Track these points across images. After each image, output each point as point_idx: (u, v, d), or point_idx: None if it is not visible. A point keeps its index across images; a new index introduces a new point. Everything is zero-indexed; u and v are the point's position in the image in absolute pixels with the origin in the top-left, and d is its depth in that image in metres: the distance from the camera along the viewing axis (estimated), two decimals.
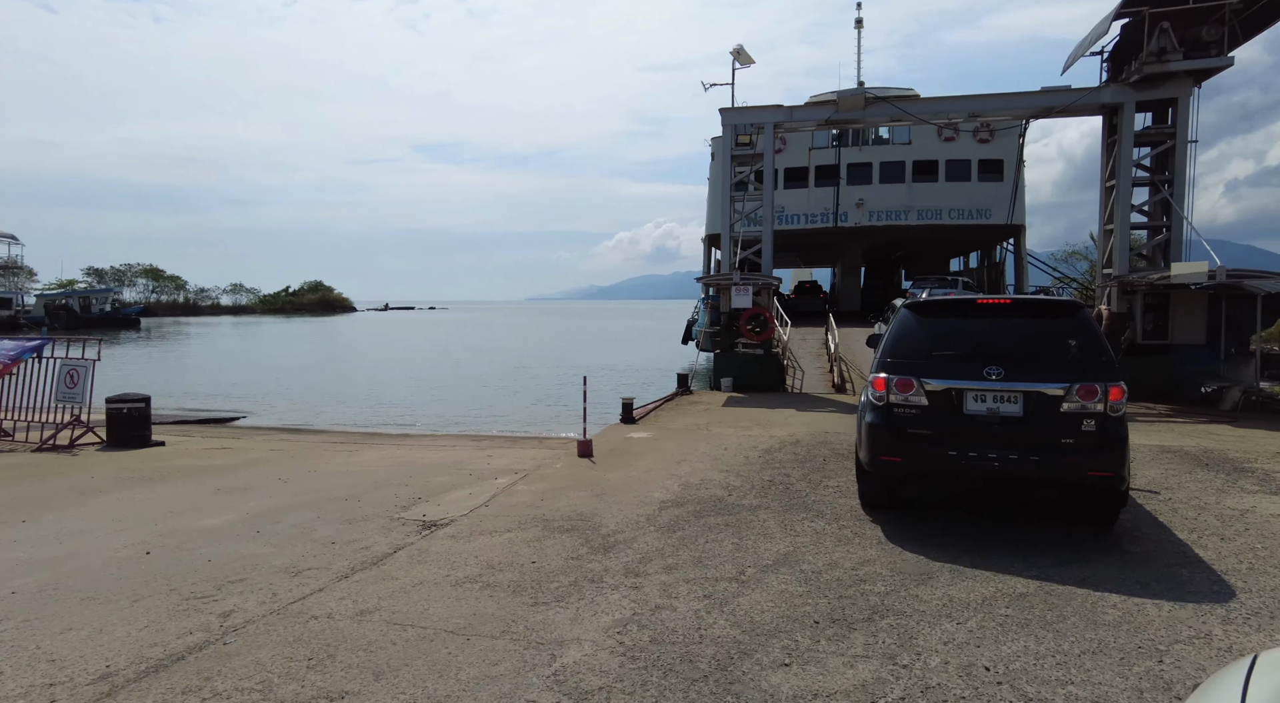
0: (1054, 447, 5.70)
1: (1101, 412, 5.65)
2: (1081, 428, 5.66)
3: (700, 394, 16.54)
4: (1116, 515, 6.03)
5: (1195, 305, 14.78)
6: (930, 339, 6.29)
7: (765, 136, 16.82)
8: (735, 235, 17.38)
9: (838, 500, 7.16)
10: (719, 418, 12.75)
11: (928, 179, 31.95)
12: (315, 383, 27.93)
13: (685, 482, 7.96)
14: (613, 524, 6.36)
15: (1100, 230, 16.46)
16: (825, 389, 17.09)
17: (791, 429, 11.37)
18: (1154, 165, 15.69)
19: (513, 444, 13.06)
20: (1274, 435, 10.84)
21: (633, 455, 9.52)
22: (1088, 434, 5.64)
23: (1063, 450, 5.68)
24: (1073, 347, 5.97)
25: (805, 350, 22.43)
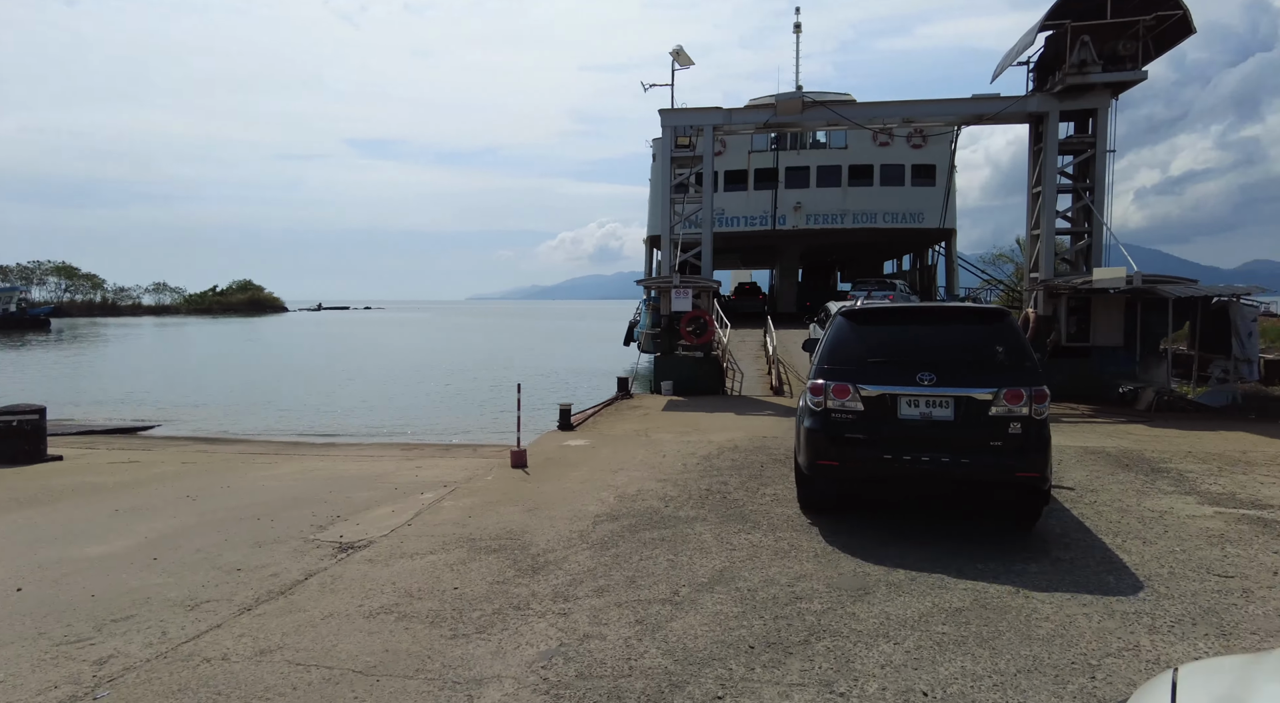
0: (983, 449, 5.89)
1: (1027, 415, 5.86)
2: (1008, 431, 5.86)
3: (641, 398, 16.35)
4: (1040, 513, 6.26)
5: (1114, 309, 15.35)
6: (865, 346, 6.43)
7: (705, 139, 16.75)
8: (675, 238, 17.26)
9: (775, 510, 7.04)
10: (658, 423, 12.58)
11: (863, 183, 32.60)
12: (239, 388, 26.65)
13: (622, 493, 7.72)
14: (543, 543, 6.08)
15: (1028, 235, 16.97)
16: (764, 391, 17.13)
17: (730, 434, 11.27)
18: (1076, 173, 16.25)
19: (445, 454, 12.61)
20: (1184, 435, 11.28)
21: (569, 465, 9.24)
22: (1014, 437, 5.85)
23: (991, 452, 5.88)
24: (999, 353, 6.17)
25: (745, 352, 22.50)
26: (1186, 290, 13.72)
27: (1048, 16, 15.03)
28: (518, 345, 52.21)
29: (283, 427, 18.32)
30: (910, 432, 6.00)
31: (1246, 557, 5.68)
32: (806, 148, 33.29)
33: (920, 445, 5.96)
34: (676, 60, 17.41)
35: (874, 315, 6.74)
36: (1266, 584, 5.14)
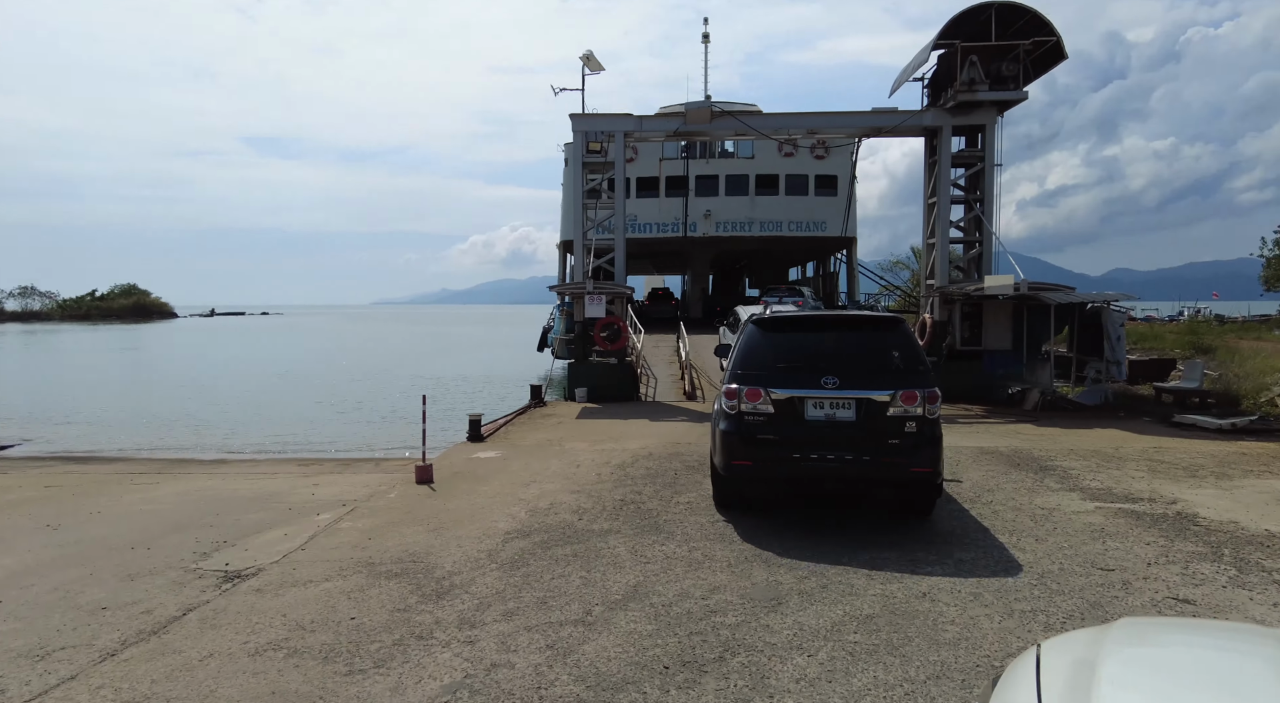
0: (882, 447, 6.33)
1: (921, 415, 6.32)
2: (905, 430, 6.31)
3: (555, 405, 16.09)
4: (934, 504, 6.82)
5: (1003, 314, 16.27)
6: (774, 352, 6.81)
7: (616, 145, 16.69)
8: (589, 243, 17.12)
9: (689, 518, 6.99)
10: (572, 431, 12.37)
11: (769, 192, 33.46)
12: (117, 401, 24.60)
13: (534, 507, 7.50)
14: (449, 564, 5.79)
15: (924, 244, 17.78)
16: (677, 397, 17.21)
17: (645, 442, 11.21)
18: (967, 185, 17.15)
19: (345, 469, 11.99)
20: (1066, 433, 12.04)
21: (478, 479, 8.92)
22: (910, 435, 6.30)
23: (889, 450, 6.32)
24: (896, 358, 6.59)
25: (658, 357, 22.59)
26: (1066, 297, 14.68)
27: (940, 36, 15.82)
28: (425, 351, 50.69)
29: (167, 443, 17.00)
30: (817, 432, 6.39)
31: (1124, 550, 6.04)
32: (716, 157, 33.87)
33: (826, 445, 6.35)
34: (587, 65, 17.30)
35: (782, 323, 7.13)
36: (1142, 575, 5.47)
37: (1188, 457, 9.94)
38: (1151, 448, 10.59)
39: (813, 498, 7.50)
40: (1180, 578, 5.40)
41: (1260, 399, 13.94)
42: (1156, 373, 17.88)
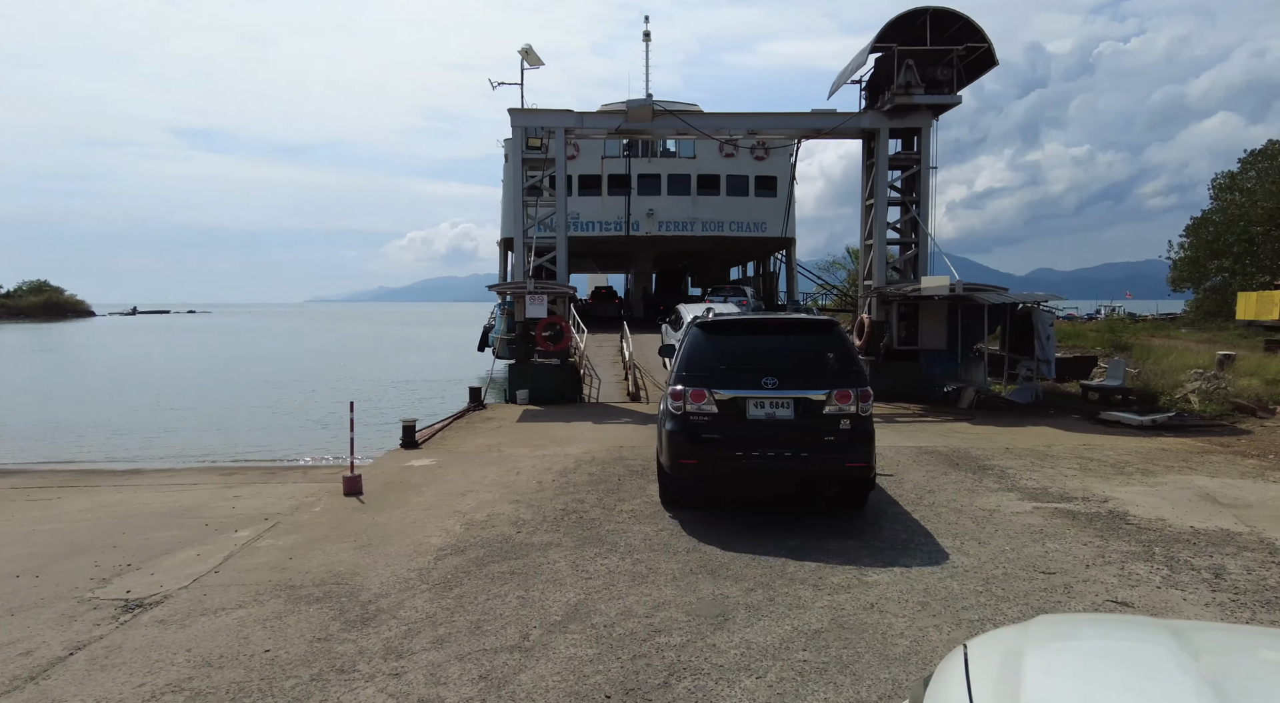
0: (819, 444, 6.66)
1: (854, 413, 6.70)
2: (839, 427, 6.67)
3: (495, 408, 15.66)
4: (866, 497, 7.23)
5: (938, 314, 16.60)
6: (717, 354, 7.04)
7: (557, 141, 16.35)
8: (529, 241, 16.72)
9: (633, 528, 6.77)
10: (513, 436, 12.01)
11: (711, 192, 33.55)
12: (18, 406, 22.93)
13: (470, 519, 7.15)
14: (377, 586, 5.42)
15: (861, 245, 18.01)
16: (621, 398, 16.98)
17: (588, 446, 10.94)
18: (904, 187, 17.44)
19: (271, 478, 11.37)
20: (1001, 431, 12.31)
21: (411, 489, 8.50)
22: (844, 432, 6.67)
23: (825, 447, 6.66)
24: (831, 359, 6.91)
25: (602, 358, 22.30)
26: (999, 298, 15.06)
27: (877, 39, 16.02)
28: (360, 352, 49.14)
29: (76, 453, 15.86)
30: (758, 431, 6.67)
31: (1063, 551, 6.10)
32: (658, 156, 33.75)
33: (767, 443, 6.64)
34: (526, 60, 16.89)
35: (724, 326, 7.35)
36: (1081, 578, 5.50)
37: (1115, 454, 10.24)
38: (1081, 445, 10.89)
39: (755, 496, 7.60)
40: (1117, 580, 5.45)
41: (1175, 395, 14.57)
42: (1080, 370, 18.55)
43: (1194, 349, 21.73)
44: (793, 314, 9.22)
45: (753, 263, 45.10)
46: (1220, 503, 7.64)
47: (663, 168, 33.35)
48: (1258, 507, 7.53)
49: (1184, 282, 48.31)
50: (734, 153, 33.17)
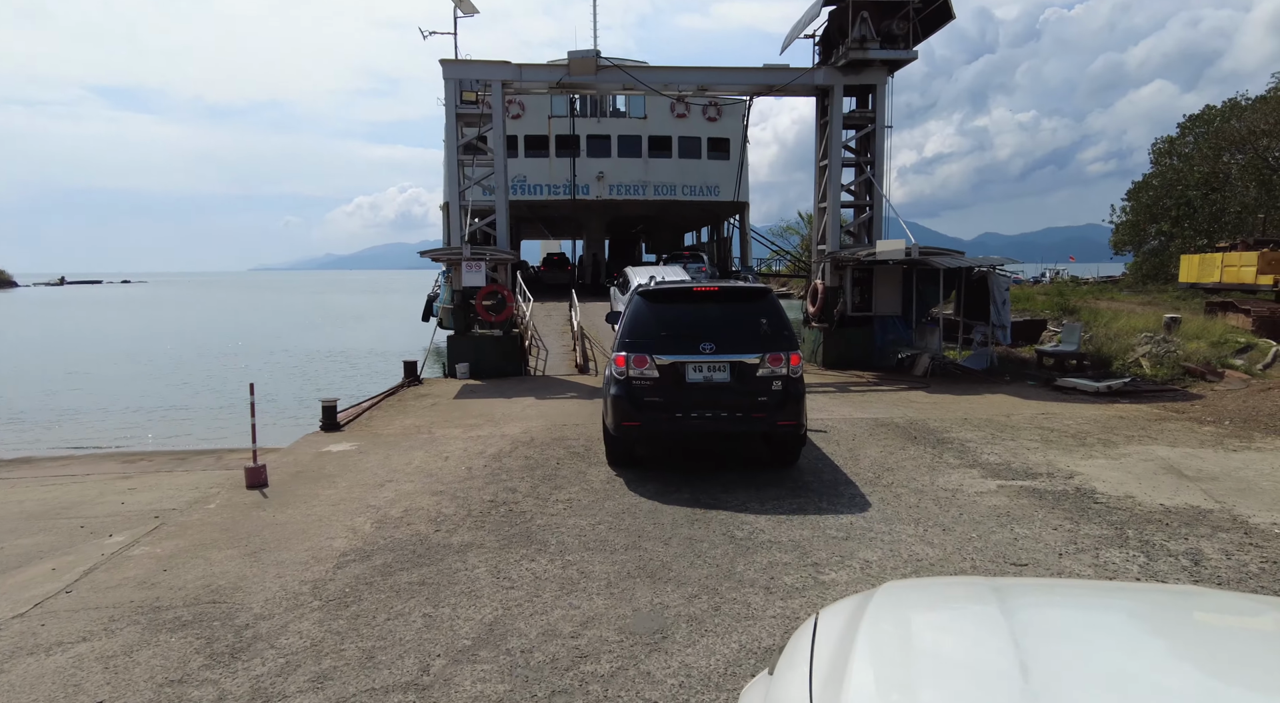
0: (753, 405, 7.07)
1: (785, 375, 7.09)
2: (772, 388, 7.07)
3: (432, 384, 14.73)
4: (799, 453, 7.71)
5: (893, 280, 16.18)
6: (658, 322, 7.31)
7: (494, 95, 15.22)
8: (466, 204, 15.65)
9: (567, 522, 6.08)
10: (446, 415, 11.16)
11: (662, 155, 32.54)
12: None
13: (383, 516, 6.36)
14: (259, 604, 4.62)
15: (815, 208, 17.41)
16: (569, 370, 16.22)
17: (527, 425, 10.19)
18: (858, 147, 16.83)
19: (180, 464, 10.36)
20: (958, 400, 11.95)
21: (324, 480, 7.65)
22: (776, 393, 7.07)
23: (759, 407, 7.07)
24: (763, 325, 7.26)
25: (551, 327, 21.47)
26: (954, 262, 14.66)
27: None
28: (299, 322, 47.12)
29: None
30: (696, 393, 7.05)
31: (1033, 537, 5.63)
32: (608, 116, 32.52)
33: (705, 405, 7.04)
34: (459, 7, 15.62)
35: (665, 295, 7.58)
36: (1055, 569, 5.03)
37: (1074, 423, 9.93)
38: (1040, 414, 10.57)
39: (693, 451, 8.26)
40: (1093, 570, 4.99)
41: (1128, 360, 14.47)
42: (1030, 334, 18.46)
43: (1138, 312, 21.88)
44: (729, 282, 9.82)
45: (706, 228, 44.39)
46: (1185, 477, 7.30)
47: (613, 128, 32.17)
48: (1222, 479, 7.21)
49: (1124, 245, 49.35)
50: (686, 113, 32.18)
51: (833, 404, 11.58)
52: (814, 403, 11.66)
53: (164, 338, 36.37)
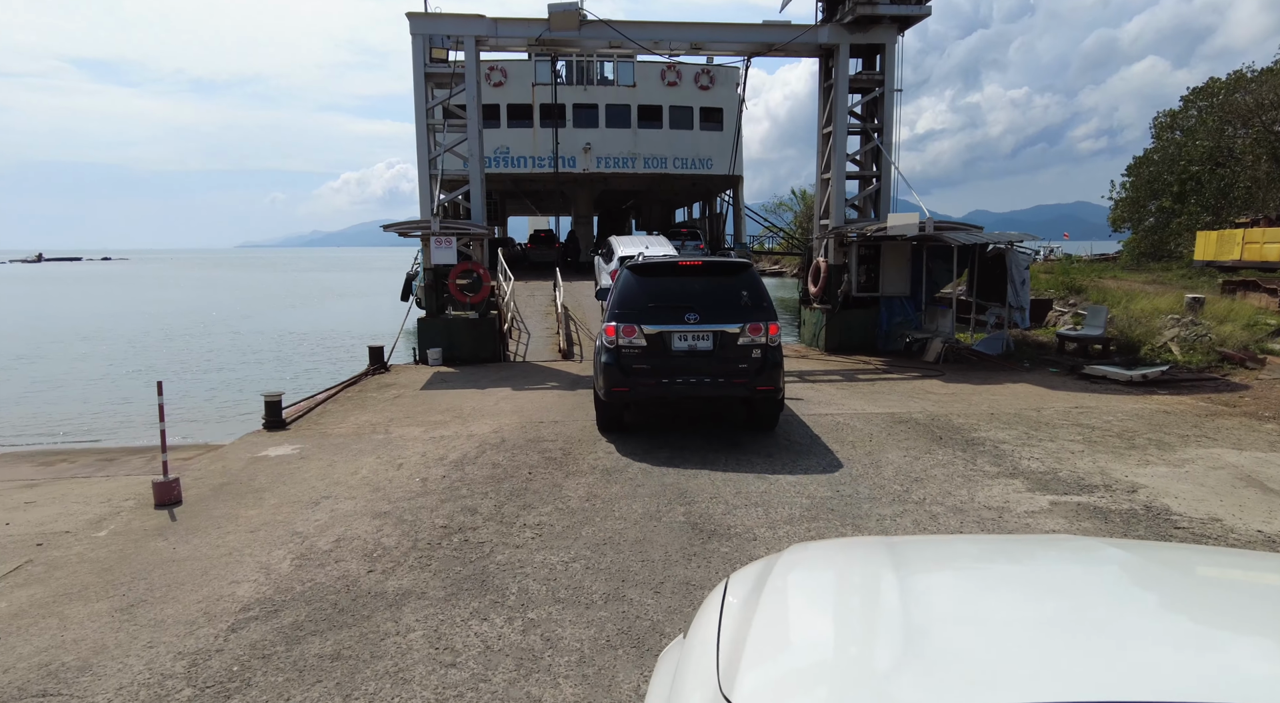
0: (734, 371, 7.50)
1: (764, 343, 7.52)
2: (751, 356, 7.52)
3: (400, 371, 13.48)
4: (778, 417, 8.22)
5: (902, 257, 14.99)
6: (646, 294, 7.71)
7: (467, 52, 13.79)
8: (437, 173, 14.26)
9: (534, 557, 4.91)
10: (409, 410, 9.94)
11: (653, 125, 31.00)
12: None
13: (309, 548, 5.17)
14: (106, 699, 3.43)
15: (818, 180, 16.12)
16: (551, 355, 14.99)
17: (499, 422, 8.98)
18: (864, 113, 15.53)
19: (103, 468, 9.10)
20: (979, 391, 10.83)
21: (250, 495, 6.43)
22: (756, 360, 7.52)
23: (740, 374, 7.50)
24: (744, 297, 7.69)
25: (534, 308, 20.19)
26: (971, 237, 13.47)
27: None
28: (274, 301, 45.49)
29: None
30: (681, 361, 7.49)
31: None
32: (594, 84, 30.89)
33: (689, 371, 7.47)
34: None
35: (652, 269, 8.04)
36: None
37: (1116, 420, 8.82)
38: (1074, 408, 9.45)
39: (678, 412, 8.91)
40: None
41: (1156, 344, 13.37)
42: (1036, 315, 17.35)
43: (1147, 291, 20.82)
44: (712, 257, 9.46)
45: (698, 204, 42.96)
46: (1271, 490, 6.20)
47: (600, 97, 30.58)
48: None
49: (1123, 222, 48.30)
50: (677, 81, 30.65)
51: (842, 396, 10.43)
52: (821, 394, 10.50)
53: (129, 318, 34.78)
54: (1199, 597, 1.63)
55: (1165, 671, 1.27)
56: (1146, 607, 1.57)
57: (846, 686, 1.29)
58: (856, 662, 1.39)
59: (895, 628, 1.43)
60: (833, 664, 1.39)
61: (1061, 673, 1.24)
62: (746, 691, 1.31)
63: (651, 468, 6.93)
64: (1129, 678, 1.22)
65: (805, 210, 62.75)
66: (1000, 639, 1.40)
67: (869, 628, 1.52)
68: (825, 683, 1.32)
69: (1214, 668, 1.30)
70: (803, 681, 1.36)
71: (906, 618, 1.46)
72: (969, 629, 1.45)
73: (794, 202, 65.47)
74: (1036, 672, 1.26)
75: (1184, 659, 1.32)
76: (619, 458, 7.30)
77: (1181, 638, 1.42)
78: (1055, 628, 1.44)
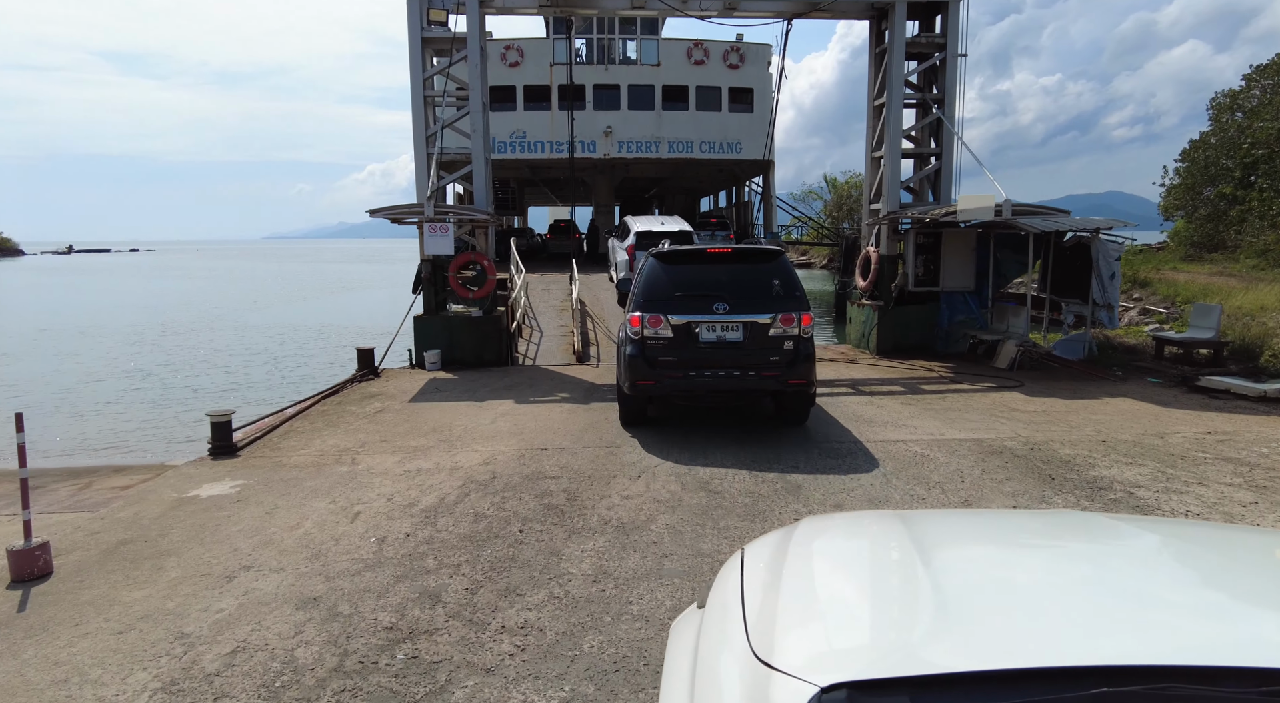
0: (765, 363, 7.24)
1: (797, 335, 7.28)
2: (783, 348, 7.26)
3: (391, 377, 11.90)
4: (809, 411, 7.86)
5: (964, 247, 13.10)
6: (672, 283, 7.43)
7: (469, 12, 12.11)
8: (434, 152, 12.62)
9: (511, 697, 3.24)
10: (389, 429, 8.32)
11: (678, 107, 29.09)
12: None
13: (186, 669, 3.54)
14: None
15: (867, 159, 14.22)
16: (565, 357, 13.34)
17: (493, 448, 7.34)
18: (922, 82, 13.63)
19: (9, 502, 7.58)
20: (1072, 407, 8.99)
21: (149, 561, 4.83)
22: (788, 352, 7.26)
23: (771, 366, 7.24)
24: (776, 286, 7.37)
25: (549, 304, 18.54)
26: (1051, 223, 11.55)
27: None
28: (281, 294, 44.32)
29: None
30: (709, 352, 7.23)
31: None
32: (616, 63, 29.04)
33: (717, 363, 7.20)
34: None
35: (678, 257, 7.70)
36: None
37: (1272, 452, 6.94)
38: (1207, 435, 7.57)
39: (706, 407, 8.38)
40: None
41: (1278, 349, 11.35)
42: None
43: (1229, 285, 18.63)
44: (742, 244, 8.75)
45: (724, 192, 40.99)
46: None
47: (622, 78, 28.72)
48: None
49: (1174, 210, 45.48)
50: (704, 60, 28.70)
51: (910, 414, 8.64)
52: (885, 412, 8.71)
53: (131, 311, 33.73)
54: (1209, 567, 1.67)
55: (1183, 637, 1.30)
56: (1160, 576, 1.64)
57: (884, 649, 1.34)
58: (892, 626, 1.43)
59: (924, 594, 1.45)
60: (869, 628, 1.46)
61: (1086, 637, 1.27)
62: (787, 654, 1.32)
63: (683, 525, 5.23)
64: (1150, 642, 1.27)
65: (836, 199, 60.38)
66: (1025, 605, 1.45)
67: (898, 594, 1.55)
68: (864, 646, 1.37)
69: (1224, 632, 1.31)
70: (841, 644, 1.38)
71: (934, 584, 1.48)
72: (994, 596, 1.51)
73: (824, 190, 63.03)
74: (1062, 635, 1.30)
75: (1198, 627, 1.35)
76: (639, 504, 5.62)
77: (1196, 607, 1.45)
78: (1075, 595, 1.49)
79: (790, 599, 1.52)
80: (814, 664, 1.27)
